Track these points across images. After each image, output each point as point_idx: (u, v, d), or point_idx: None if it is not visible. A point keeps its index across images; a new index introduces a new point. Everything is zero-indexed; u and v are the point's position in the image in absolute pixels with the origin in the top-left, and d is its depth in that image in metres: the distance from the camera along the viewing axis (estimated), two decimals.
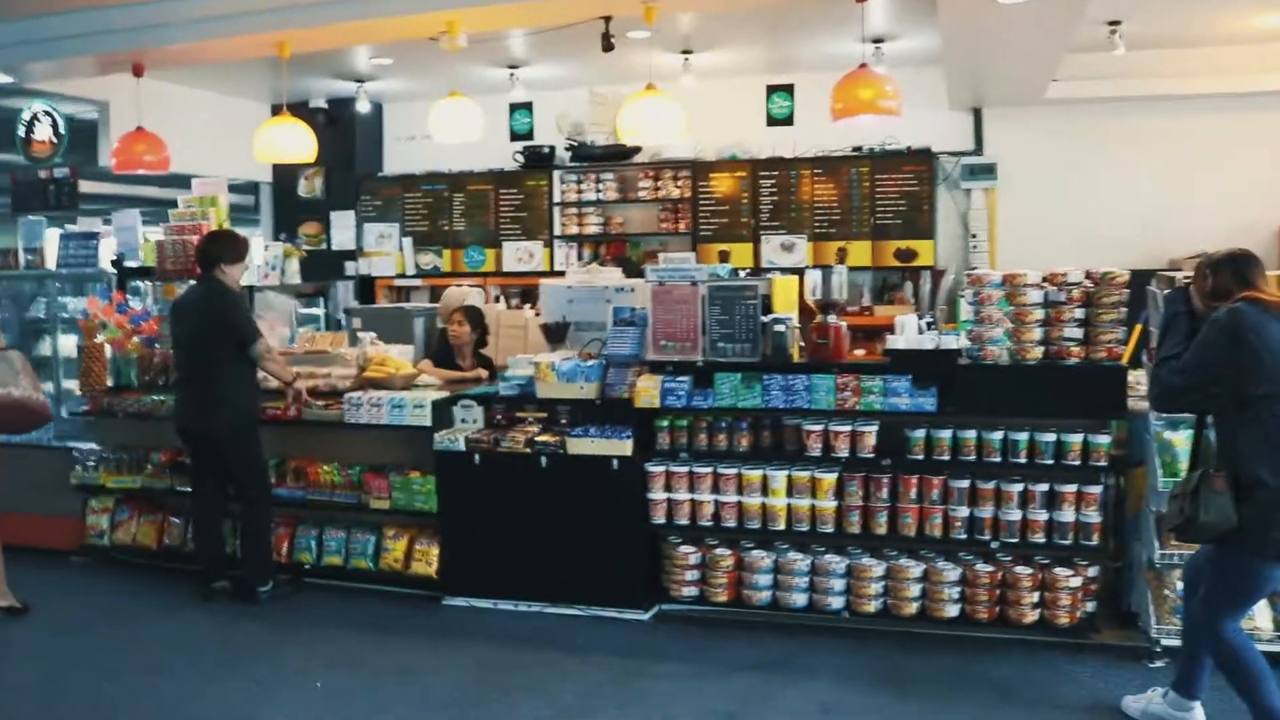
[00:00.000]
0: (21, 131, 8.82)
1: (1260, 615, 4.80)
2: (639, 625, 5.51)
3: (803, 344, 5.58)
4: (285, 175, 10.98)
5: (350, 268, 10.69)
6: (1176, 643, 4.71)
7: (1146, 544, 4.97)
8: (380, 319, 8.18)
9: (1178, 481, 4.16)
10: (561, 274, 8.48)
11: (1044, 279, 5.17)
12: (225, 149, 9.79)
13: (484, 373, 6.77)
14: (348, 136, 10.80)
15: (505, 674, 4.93)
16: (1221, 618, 3.98)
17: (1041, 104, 9.47)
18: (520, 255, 10.25)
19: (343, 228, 10.92)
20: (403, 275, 10.57)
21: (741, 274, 6.35)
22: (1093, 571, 5.09)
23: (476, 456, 5.70)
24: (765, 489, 5.38)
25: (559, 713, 4.52)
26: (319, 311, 9.73)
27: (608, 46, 6.96)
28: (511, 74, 9.58)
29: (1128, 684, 4.57)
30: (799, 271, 8.31)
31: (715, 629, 5.41)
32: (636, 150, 10.11)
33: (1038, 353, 5.11)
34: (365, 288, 10.66)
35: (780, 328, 5.43)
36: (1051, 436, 5.08)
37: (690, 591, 5.49)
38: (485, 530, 5.74)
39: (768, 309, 5.59)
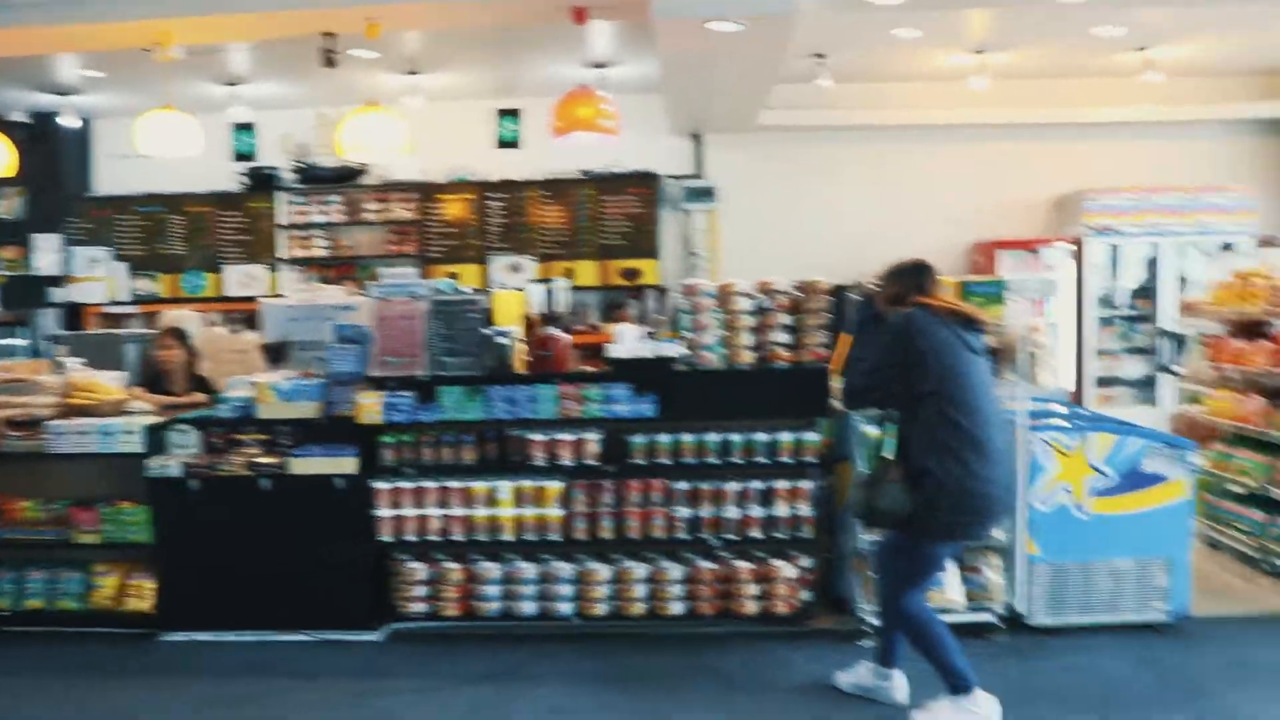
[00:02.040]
0: None
1: (952, 589, 5.23)
2: (371, 646, 5.42)
3: (528, 357, 5.67)
4: None
5: (56, 294, 10.01)
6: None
7: (852, 534, 5.33)
8: (89, 346, 7.68)
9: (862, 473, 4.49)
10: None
11: (755, 288, 5.47)
12: None
13: (202, 397, 6.50)
14: (52, 153, 10.13)
15: (232, 708, 4.74)
16: (904, 595, 4.33)
17: (756, 130, 10.00)
18: (243, 280, 9.91)
19: (46, 251, 10.20)
20: (115, 302, 9.99)
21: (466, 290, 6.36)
22: (807, 562, 5.39)
23: (193, 482, 5.47)
24: (492, 501, 5.42)
25: None
26: (20, 342, 9.07)
27: (329, 63, 6.88)
28: (232, 91, 9.25)
29: (842, 664, 4.84)
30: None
31: (448, 643, 5.39)
32: (364, 172, 10.00)
33: (749, 357, 5.39)
34: (73, 315, 10.00)
35: (502, 340, 5.49)
36: (765, 436, 5.36)
37: (421, 608, 5.44)
38: (205, 559, 5.51)
39: (490, 323, 5.64)
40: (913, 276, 4.42)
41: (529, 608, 5.38)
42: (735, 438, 5.37)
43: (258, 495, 5.43)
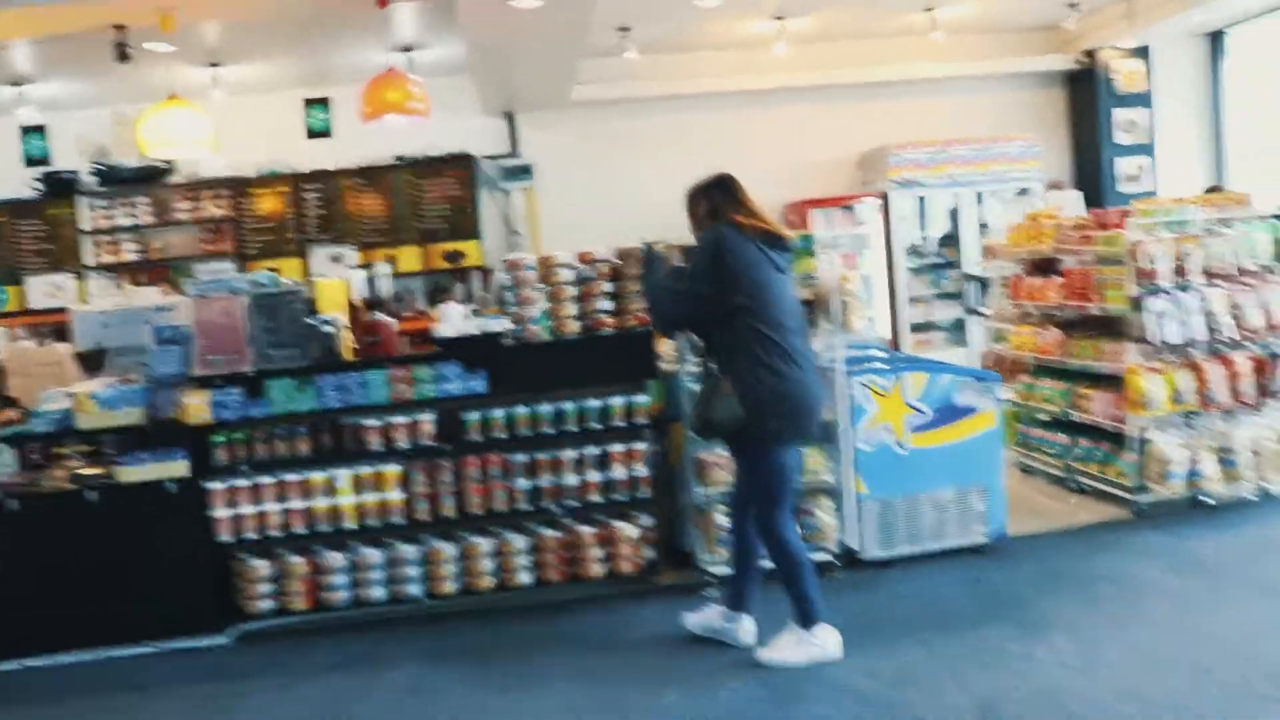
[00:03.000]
0: None
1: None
2: (219, 650, 5.33)
3: (355, 344, 5.64)
4: None
5: None
6: (726, 570, 5.29)
7: (689, 489, 5.50)
8: None
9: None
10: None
11: (575, 259, 5.57)
12: None
13: (13, 414, 6.22)
14: None
15: None
16: (774, 516, 4.52)
17: (568, 106, 10.09)
18: (49, 290, 9.47)
19: None
20: None
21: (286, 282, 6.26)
22: (648, 522, 5.54)
23: (12, 502, 5.25)
24: (332, 490, 5.38)
25: None
26: None
27: (122, 57, 6.65)
28: (19, 91, 8.81)
29: (684, 613, 5.02)
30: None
31: (298, 638, 5.35)
32: (170, 171, 9.67)
33: (575, 327, 5.49)
34: None
35: (328, 329, 5.45)
36: (597, 402, 5.48)
37: (268, 605, 5.37)
38: (33, 580, 5.29)
39: (314, 313, 5.58)
40: (721, 190, 4.59)
41: (378, 593, 5.38)
42: (568, 406, 5.46)
43: (85, 508, 5.25)
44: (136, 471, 5.29)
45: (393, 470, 5.39)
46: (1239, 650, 4.26)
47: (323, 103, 10.04)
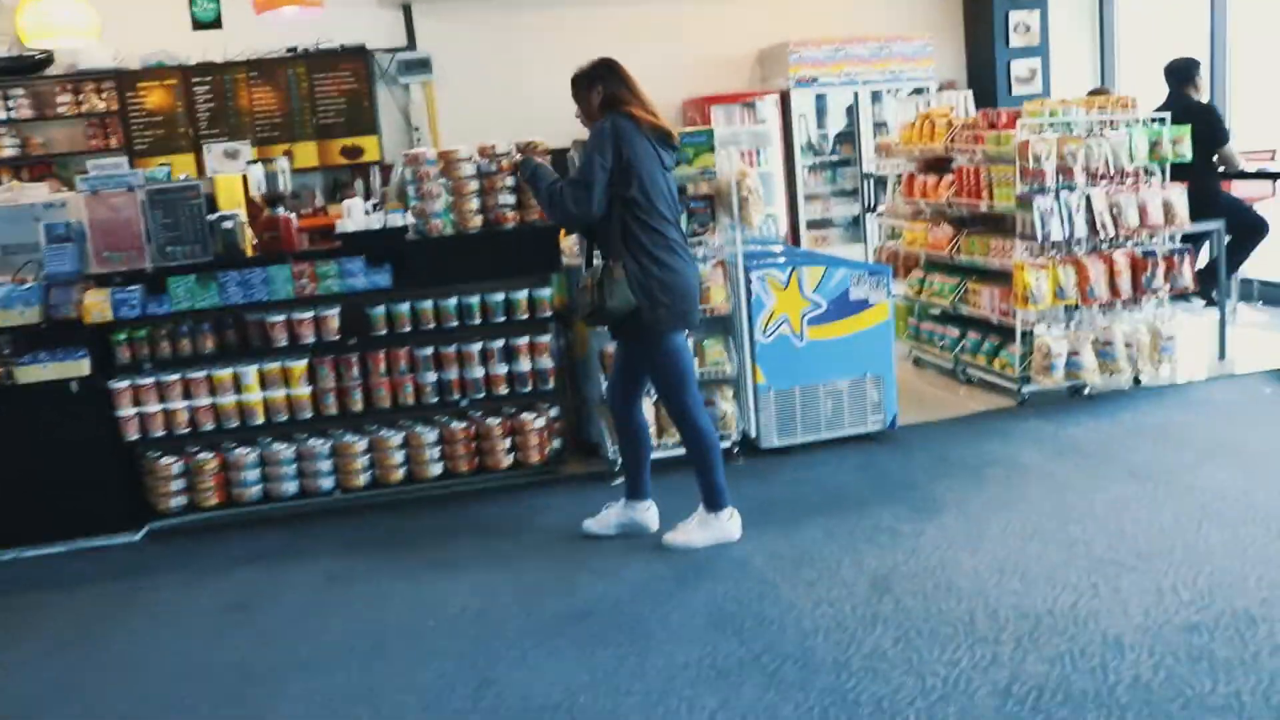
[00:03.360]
0: None
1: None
2: (130, 547, 5.35)
3: (255, 240, 5.60)
4: None
5: None
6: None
7: (594, 381, 5.63)
8: None
9: (584, 275, 4.64)
10: None
11: (476, 153, 5.57)
12: None
13: None
14: None
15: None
16: (684, 401, 4.65)
17: None
18: None
19: None
20: None
21: (182, 177, 6.14)
22: (554, 412, 5.67)
23: None
24: (239, 386, 5.40)
25: (57, 646, 4.32)
26: None
27: None
28: None
29: (597, 502, 5.17)
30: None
31: (211, 535, 5.40)
32: (48, 62, 9.29)
33: (478, 221, 5.52)
34: None
35: (229, 224, 5.39)
36: (500, 296, 5.55)
37: (179, 502, 5.41)
38: None
39: (214, 208, 5.52)
40: (613, 77, 4.58)
41: (290, 488, 5.45)
42: (472, 300, 5.52)
43: None
44: (37, 371, 5.22)
45: (299, 365, 5.41)
46: (1108, 526, 4.57)
47: None
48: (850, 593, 4.14)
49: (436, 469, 5.51)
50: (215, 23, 9.70)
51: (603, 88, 4.56)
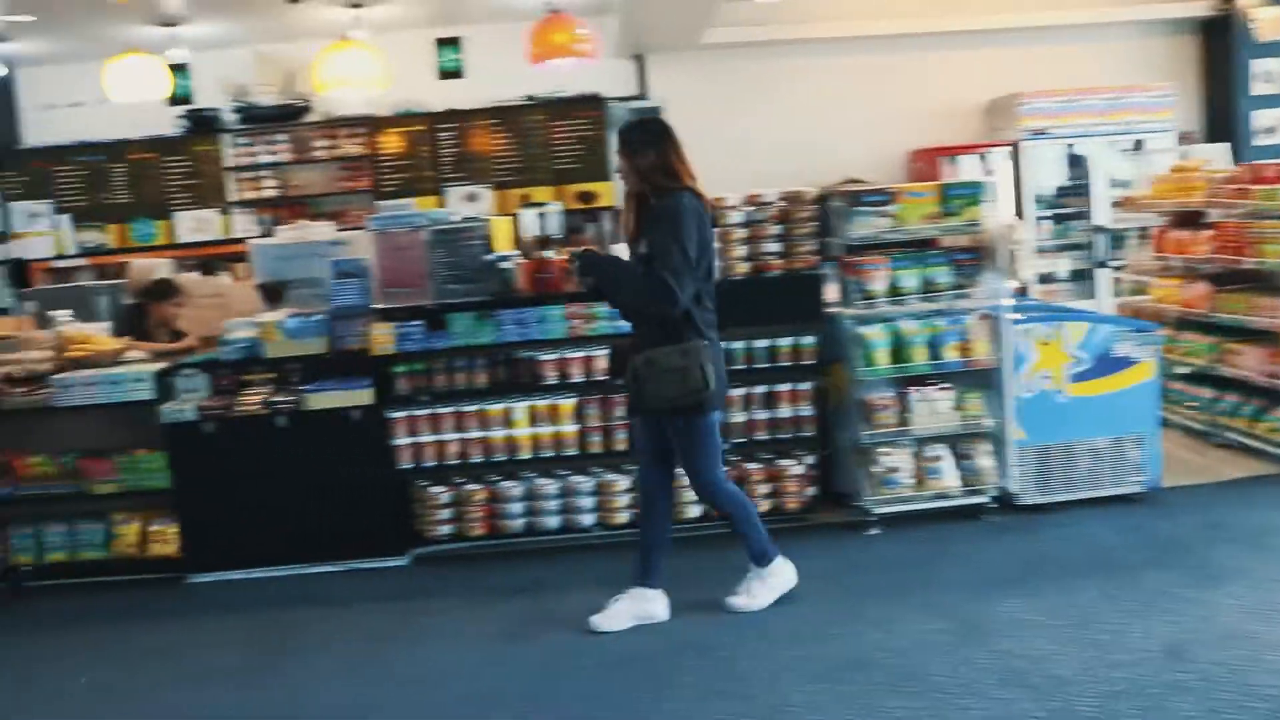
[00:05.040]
0: None
1: (948, 475, 5.56)
2: (399, 571, 5.59)
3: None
4: None
5: None
6: (890, 509, 5.44)
7: (851, 429, 5.62)
8: (59, 300, 7.58)
9: (659, 358, 4.35)
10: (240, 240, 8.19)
11: (743, 201, 5.67)
12: None
13: (194, 342, 6.52)
14: None
15: (278, 637, 4.88)
16: (717, 475, 4.63)
17: (697, 49, 10.11)
18: (195, 225, 9.78)
19: None
20: (62, 256, 9.78)
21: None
22: (811, 460, 5.67)
23: (209, 425, 5.53)
24: (508, 421, 5.58)
25: (349, 661, 4.54)
26: None
27: None
28: (169, 32, 9.04)
29: (852, 551, 5.15)
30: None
31: (475, 563, 5.58)
32: (307, 109, 9.89)
33: (744, 268, 5.60)
34: (18, 272, 9.78)
35: (506, 265, 5.61)
36: (765, 342, 5.60)
37: (445, 530, 5.61)
38: (227, 500, 5.58)
39: (491, 248, 5.75)
40: (667, 143, 4.41)
41: (553, 521, 5.59)
42: (737, 345, 5.58)
43: (274, 433, 5.52)
44: (324, 399, 5.53)
45: (567, 403, 5.56)
46: None
47: (454, 43, 10.17)
48: (1145, 658, 4.00)
49: (694, 510, 5.57)
50: (458, 73, 10.17)
51: (656, 154, 4.37)
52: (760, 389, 5.60)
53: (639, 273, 4.35)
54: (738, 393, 5.56)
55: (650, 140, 4.41)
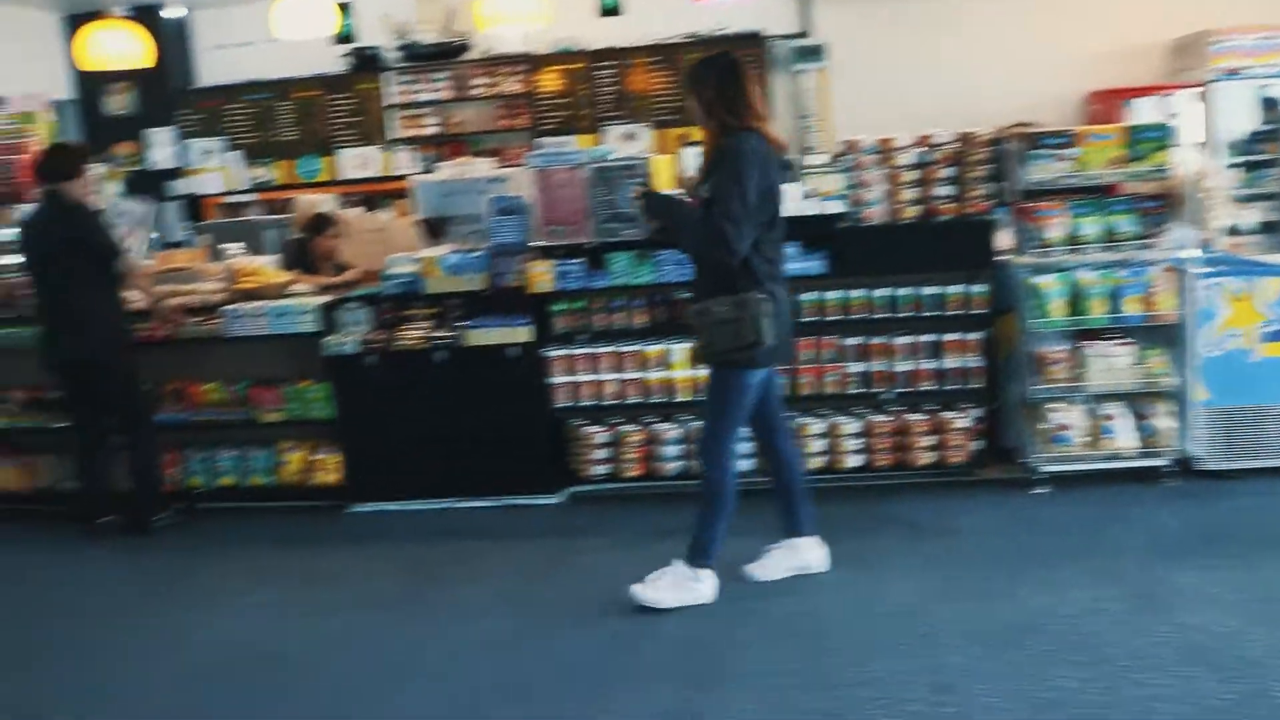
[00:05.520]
0: None
1: (1124, 436, 5.28)
2: (553, 509, 5.62)
3: None
4: (90, 92, 10.30)
5: (174, 187, 10.15)
6: (1059, 468, 5.20)
7: (1020, 382, 5.38)
8: (229, 233, 7.86)
9: (712, 308, 4.08)
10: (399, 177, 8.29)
11: (914, 141, 5.43)
12: (14, 66, 9.01)
13: (357, 275, 6.63)
14: (157, 46, 10.12)
15: (436, 567, 4.96)
16: (728, 440, 4.29)
17: None
18: (357, 162, 9.96)
19: (160, 144, 10.33)
20: (232, 191, 10.10)
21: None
22: (978, 413, 5.46)
23: (371, 358, 5.62)
24: (665, 364, 5.51)
25: (501, 593, 4.59)
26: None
27: None
28: None
29: (1018, 508, 4.93)
30: None
31: (628, 504, 5.56)
32: (467, 47, 9.93)
33: (912, 212, 5.38)
34: (193, 207, 10.16)
35: None
36: (934, 289, 5.38)
37: (600, 470, 5.60)
38: (386, 432, 5.69)
39: (651, 187, 5.64)
40: (735, 80, 4.05)
41: None
42: (903, 292, 5.39)
43: (433, 368, 5.58)
44: (483, 335, 5.55)
45: None
46: None
47: None
48: None
49: (855, 460, 5.43)
50: (617, 10, 10.04)
51: (718, 91, 4.06)
52: (927, 338, 5.39)
53: (697, 218, 4.11)
54: (902, 341, 5.37)
55: (714, 76, 4.10)
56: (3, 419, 6.22)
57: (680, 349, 5.48)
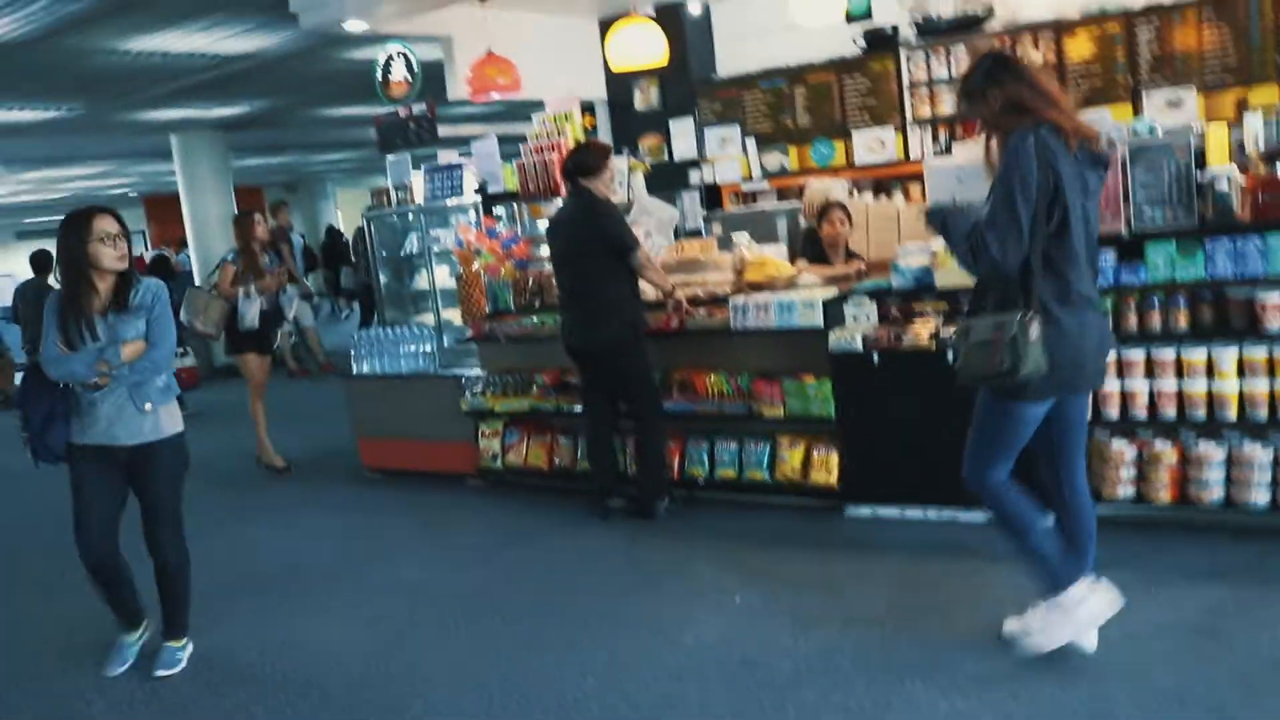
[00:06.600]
0: (379, 75, 9.13)
1: None
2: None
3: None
4: (621, 90, 10.90)
5: (693, 176, 10.49)
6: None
7: None
8: (741, 222, 7.95)
9: (973, 326, 3.69)
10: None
11: None
12: (559, 71, 9.78)
13: (863, 265, 6.40)
14: (679, 42, 10.51)
15: (929, 587, 4.63)
16: (992, 471, 4.00)
17: None
18: (871, 145, 9.67)
19: (681, 136, 10.71)
20: (748, 179, 10.24)
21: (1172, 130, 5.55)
22: None
23: (875, 355, 5.34)
24: (1211, 372, 4.72)
25: (993, 626, 4.13)
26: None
27: None
28: None
29: None
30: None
31: (1154, 533, 4.85)
32: (988, 18, 9.27)
33: None
34: (711, 195, 10.45)
35: (1223, 186, 4.68)
36: None
37: (1126, 491, 4.92)
38: (887, 434, 5.40)
39: (1202, 165, 4.85)
40: (1005, 74, 3.63)
41: (1260, 497, 4.64)
42: None
43: (941, 368, 5.18)
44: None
45: None
46: None
47: None
48: None
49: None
50: None
51: (1000, 91, 3.60)
52: None
53: (966, 228, 3.62)
54: None
55: (987, 79, 3.70)
56: (532, 400, 6.69)
57: (1230, 355, 4.66)
